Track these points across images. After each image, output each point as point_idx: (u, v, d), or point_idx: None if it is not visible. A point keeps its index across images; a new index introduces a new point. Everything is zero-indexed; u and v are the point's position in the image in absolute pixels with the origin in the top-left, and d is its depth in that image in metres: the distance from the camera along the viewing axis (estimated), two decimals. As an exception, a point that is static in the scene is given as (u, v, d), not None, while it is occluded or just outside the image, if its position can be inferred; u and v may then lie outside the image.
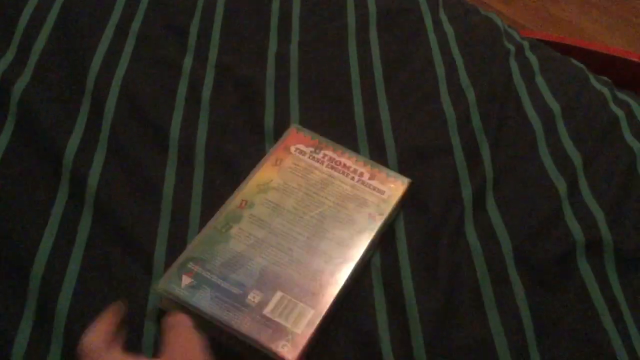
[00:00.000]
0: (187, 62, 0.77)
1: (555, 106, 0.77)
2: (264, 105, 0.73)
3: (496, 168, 0.69)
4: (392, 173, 0.66)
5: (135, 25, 0.80)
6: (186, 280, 0.56)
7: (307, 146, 0.67)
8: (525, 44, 0.88)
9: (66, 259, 0.59)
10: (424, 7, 0.89)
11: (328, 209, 0.62)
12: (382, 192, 0.64)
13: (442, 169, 0.69)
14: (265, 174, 0.64)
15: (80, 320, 0.55)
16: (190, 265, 0.57)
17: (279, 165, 0.65)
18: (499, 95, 0.77)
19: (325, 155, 0.67)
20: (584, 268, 0.62)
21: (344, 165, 0.66)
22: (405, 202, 0.65)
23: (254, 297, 0.55)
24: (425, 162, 0.70)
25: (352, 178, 0.65)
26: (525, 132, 0.74)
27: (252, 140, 0.70)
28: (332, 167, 0.66)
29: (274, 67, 0.78)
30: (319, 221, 0.61)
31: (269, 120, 0.72)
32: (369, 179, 0.65)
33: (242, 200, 0.62)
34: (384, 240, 0.62)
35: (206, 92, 0.74)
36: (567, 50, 0.99)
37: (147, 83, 0.74)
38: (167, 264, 0.59)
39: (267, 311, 0.55)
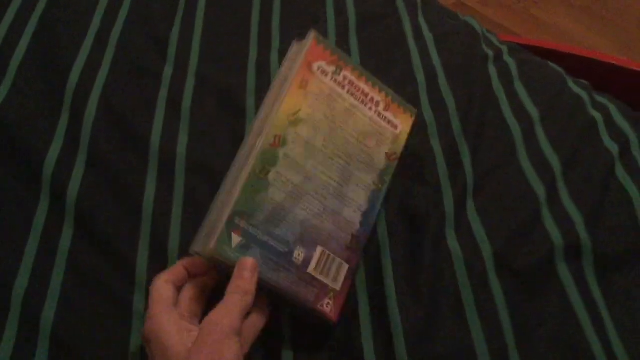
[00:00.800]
0: (167, 71, 0.77)
1: (534, 111, 0.77)
2: (244, 114, 0.73)
3: (477, 174, 0.70)
4: (402, 102, 0.65)
5: (115, 35, 0.80)
6: (236, 239, 0.52)
7: (328, 64, 0.61)
8: (504, 48, 0.89)
9: (49, 271, 0.59)
10: (403, 13, 0.89)
11: (352, 147, 0.60)
12: (396, 127, 0.63)
13: (424, 175, 0.69)
14: (292, 99, 0.58)
15: (65, 332, 0.55)
16: (237, 220, 0.52)
17: (304, 89, 0.59)
18: (479, 101, 0.77)
19: (345, 78, 0.62)
20: (563, 272, 0.62)
21: (363, 92, 0.63)
22: (388, 209, 0.65)
23: (299, 255, 0.54)
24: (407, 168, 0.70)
25: (371, 109, 0.62)
26: (504, 138, 0.74)
27: (233, 150, 0.70)
28: (353, 94, 0.62)
29: (255, 75, 0.78)
30: (347, 163, 0.59)
31: (248, 129, 0.72)
32: (384, 109, 0.63)
33: (275, 135, 0.56)
34: (367, 246, 0.63)
35: (186, 102, 0.74)
36: (546, 53, 0.99)
37: (127, 93, 0.74)
38: (149, 273, 0.59)
39: (311, 269, 0.54)
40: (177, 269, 0.53)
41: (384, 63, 0.82)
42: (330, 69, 0.61)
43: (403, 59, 0.83)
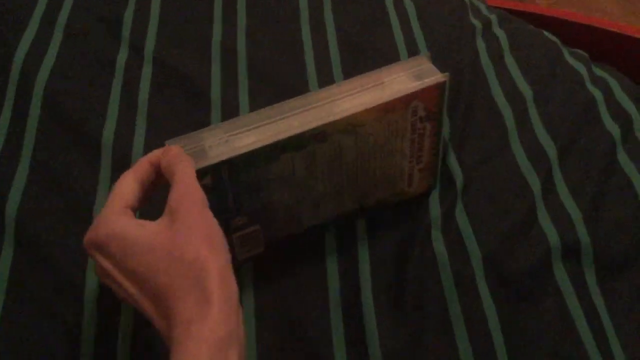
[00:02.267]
0: (122, 57, 0.70)
1: (527, 90, 0.70)
2: (209, 104, 0.66)
3: (465, 167, 0.63)
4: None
5: (63, 18, 0.72)
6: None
7: (424, 109, 0.53)
8: (493, 17, 0.81)
9: None
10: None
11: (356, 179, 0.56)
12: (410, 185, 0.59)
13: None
14: (369, 114, 0.51)
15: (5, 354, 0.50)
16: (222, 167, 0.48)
17: (384, 114, 0.52)
18: (466, 81, 0.70)
19: (422, 128, 0.55)
20: (561, 275, 0.56)
21: (419, 147, 0.57)
22: (368, 215, 0.59)
23: (239, 220, 0.53)
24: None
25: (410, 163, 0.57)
26: (495, 123, 0.67)
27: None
28: (411, 142, 0.56)
29: (219, 59, 0.71)
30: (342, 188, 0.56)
31: (215, 122, 0.65)
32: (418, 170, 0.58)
33: (324, 132, 0.50)
34: (342, 257, 0.56)
35: (143, 91, 0.67)
36: (541, 20, 0.92)
37: (76, 83, 0.67)
38: (100, 292, 0.53)
39: (236, 235, 0.53)
40: (142, 166, 0.48)
41: (363, 39, 0.75)
42: (421, 113, 0.54)
43: (383, 33, 0.75)
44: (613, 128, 0.68)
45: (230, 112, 0.66)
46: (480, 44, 0.75)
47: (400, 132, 0.54)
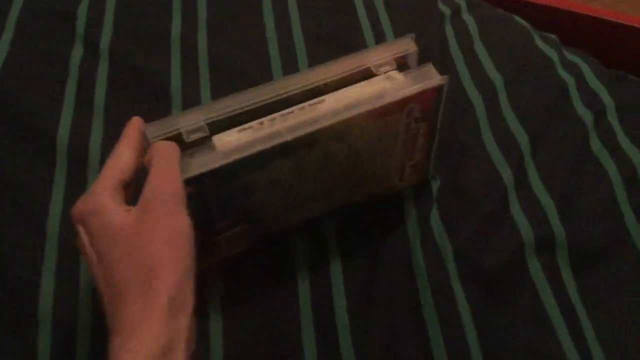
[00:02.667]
0: (76, 53, 0.66)
1: (497, 78, 0.68)
2: (169, 100, 0.64)
3: (435, 158, 0.61)
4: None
5: (14, 13, 0.69)
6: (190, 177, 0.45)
7: (420, 111, 0.51)
8: (462, 3, 0.79)
9: None
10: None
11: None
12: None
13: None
14: (360, 120, 0.48)
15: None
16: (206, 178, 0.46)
17: (378, 118, 0.49)
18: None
19: (416, 128, 0.53)
20: (535, 269, 0.55)
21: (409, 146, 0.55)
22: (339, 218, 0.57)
23: (221, 224, 0.51)
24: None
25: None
26: (465, 113, 0.65)
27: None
28: (404, 142, 0.54)
29: (179, 54, 0.68)
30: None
31: None
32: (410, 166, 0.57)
33: (313, 137, 0.47)
34: (314, 260, 0.54)
35: (100, 89, 0.64)
36: (512, 3, 0.90)
37: (28, 81, 0.64)
38: (56, 309, 0.50)
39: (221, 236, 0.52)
40: (132, 132, 0.47)
41: (328, 28, 0.72)
42: (416, 115, 0.51)
43: (348, 22, 0.73)
44: (585, 114, 0.66)
45: (191, 106, 0.63)
46: (449, 31, 0.73)
47: (393, 131, 0.52)
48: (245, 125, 0.48)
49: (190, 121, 0.47)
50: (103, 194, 0.41)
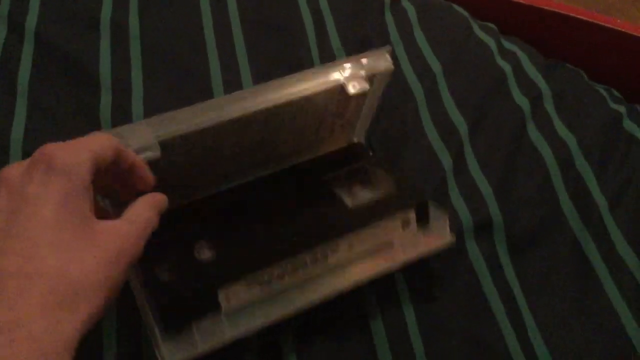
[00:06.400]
0: (-1, 34, 0.63)
1: (436, 65, 0.68)
2: (98, 85, 0.61)
3: (375, 149, 0.60)
4: None
5: None
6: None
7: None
8: (402, -9, 0.78)
9: None
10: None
11: None
12: None
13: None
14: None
15: None
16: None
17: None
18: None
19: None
20: (474, 253, 0.54)
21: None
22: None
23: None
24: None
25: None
26: (405, 100, 0.65)
27: (83, 134, 0.58)
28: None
29: (109, 38, 0.65)
30: None
31: (105, 108, 0.59)
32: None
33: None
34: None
35: (24, 72, 0.61)
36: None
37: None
38: None
39: None
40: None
41: (265, 15, 0.71)
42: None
43: (287, 8, 0.72)
44: (522, 102, 0.67)
45: (121, 94, 0.60)
46: (389, 18, 0.73)
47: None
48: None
49: (139, 137, 0.42)
50: (81, 164, 0.34)
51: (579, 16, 0.83)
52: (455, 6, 0.81)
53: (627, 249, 0.56)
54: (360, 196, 0.52)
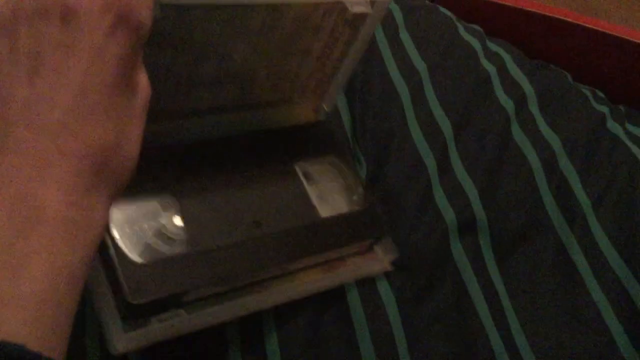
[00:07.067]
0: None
1: (422, 67, 0.68)
2: None
3: (361, 149, 0.60)
4: None
5: None
6: None
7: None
8: (388, -7, 0.79)
9: None
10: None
11: None
12: None
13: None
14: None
15: None
16: None
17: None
18: (361, 58, 0.67)
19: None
20: (458, 253, 0.55)
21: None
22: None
23: None
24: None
25: None
26: (391, 101, 0.65)
27: None
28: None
29: None
30: None
31: None
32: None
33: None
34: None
35: None
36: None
37: None
38: None
39: None
40: None
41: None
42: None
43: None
44: (507, 103, 0.67)
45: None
46: (375, 20, 0.73)
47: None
48: None
49: None
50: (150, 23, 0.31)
51: (564, 18, 0.83)
52: (441, 8, 0.81)
53: (611, 249, 0.56)
54: (330, 203, 0.52)
